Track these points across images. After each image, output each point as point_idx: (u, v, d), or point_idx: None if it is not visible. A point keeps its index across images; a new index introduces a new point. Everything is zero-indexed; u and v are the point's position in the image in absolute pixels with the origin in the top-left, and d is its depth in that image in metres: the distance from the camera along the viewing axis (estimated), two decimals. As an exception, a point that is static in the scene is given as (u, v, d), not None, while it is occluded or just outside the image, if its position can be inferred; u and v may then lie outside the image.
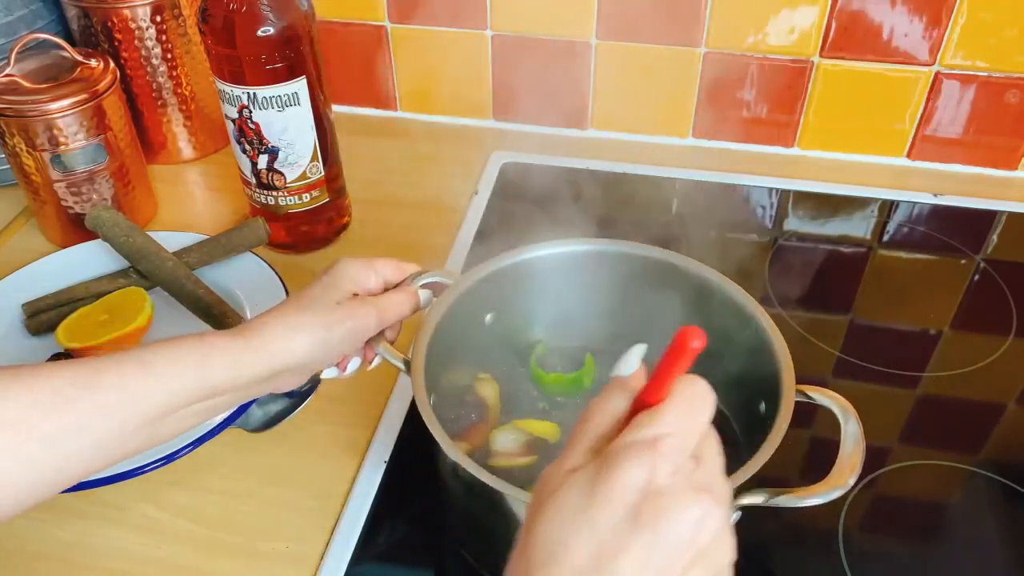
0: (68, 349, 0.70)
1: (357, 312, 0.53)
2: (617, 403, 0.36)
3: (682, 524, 0.31)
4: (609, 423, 0.35)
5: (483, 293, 0.60)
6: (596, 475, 0.32)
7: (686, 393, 0.34)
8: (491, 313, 0.63)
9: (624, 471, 0.31)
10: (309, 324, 0.51)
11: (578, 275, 0.63)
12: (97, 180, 0.80)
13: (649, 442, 0.32)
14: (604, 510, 0.31)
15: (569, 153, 0.94)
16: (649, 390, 0.35)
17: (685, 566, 0.31)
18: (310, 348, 0.51)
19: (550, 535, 0.32)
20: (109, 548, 0.59)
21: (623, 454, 0.32)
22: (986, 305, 0.77)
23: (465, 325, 0.60)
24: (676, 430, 0.33)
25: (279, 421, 0.65)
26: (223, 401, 0.49)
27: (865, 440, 0.48)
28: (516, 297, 0.63)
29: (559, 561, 0.31)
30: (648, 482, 0.31)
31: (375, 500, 0.61)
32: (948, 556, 0.58)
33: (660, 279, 0.61)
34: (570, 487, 0.32)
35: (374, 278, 0.56)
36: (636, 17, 0.87)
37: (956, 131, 0.89)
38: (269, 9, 0.68)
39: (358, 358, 0.56)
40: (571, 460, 0.34)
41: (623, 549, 0.31)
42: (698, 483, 0.32)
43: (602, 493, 0.31)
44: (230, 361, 0.48)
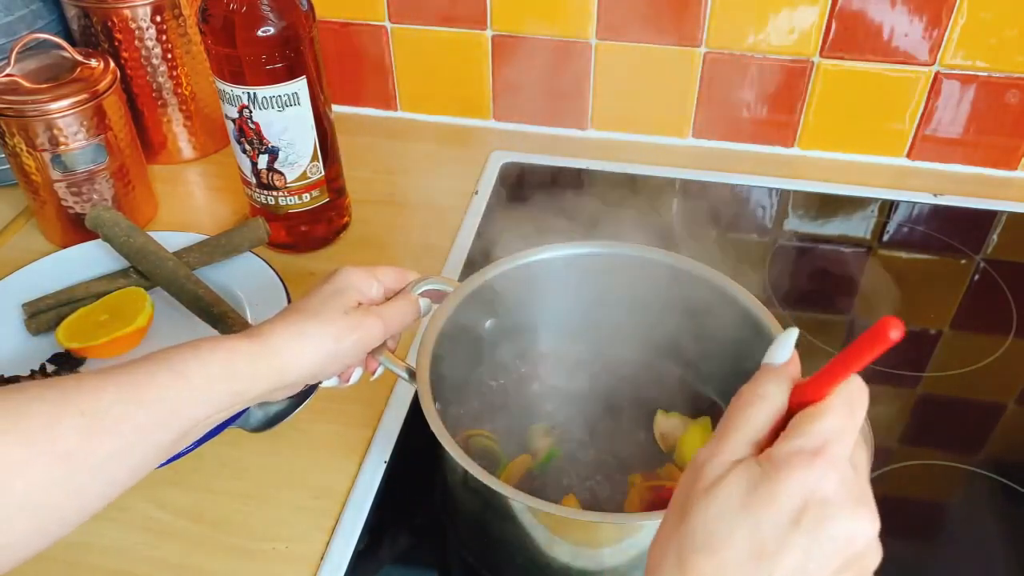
0: (68, 349, 0.70)
1: (364, 323, 0.52)
2: (776, 395, 0.36)
3: (842, 534, 0.32)
4: (769, 415, 0.35)
5: (483, 299, 0.60)
6: (763, 475, 0.33)
7: (850, 395, 0.34)
8: (491, 319, 0.62)
9: (792, 479, 0.32)
10: (318, 335, 0.50)
11: (579, 278, 0.63)
12: (97, 180, 0.80)
13: (817, 450, 0.33)
14: (768, 510, 0.32)
15: (569, 153, 0.94)
16: (817, 386, 0.34)
17: (837, 570, 0.32)
18: (319, 359, 0.50)
19: (709, 524, 0.32)
20: (109, 548, 0.59)
21: (792, 461, 0.32)
22: (986, 305, 0.77)
23: (466, 333, 0.60)
24: (841, 436, 0.33)
25: (279, 421, 0.65)
26: (235, 410, 0.48)
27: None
28: (517, 302, 0.63)
29: (716, 550, 0.32)
30: (815, 490, 0.32)
31: (375, 500, 0.61)
32: (948, 556, 0.58)
33: (664, 281, 0.61)
34: (735, 481, 0.33)
35: (376, 287, 0.55)
36: (636, 17, 0.87)
37: (956, 131, 0.89)
38: (269, 9, 0.68)
39: (360, 368, 0.56)
40: (732, 450, 0.34)
41: (782, 550, 0.32)
42: (858, 495, 0.33)
43: (768, 494, 0.32)
44: (251, 370, 0.47)
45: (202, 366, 0.46)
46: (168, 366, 0.45)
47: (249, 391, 0.48)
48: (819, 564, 0.32)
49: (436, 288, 0.59)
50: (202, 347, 0.47)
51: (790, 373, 0.36)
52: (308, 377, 0.51)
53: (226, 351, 0.47)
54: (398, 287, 0.57)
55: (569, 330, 0.66)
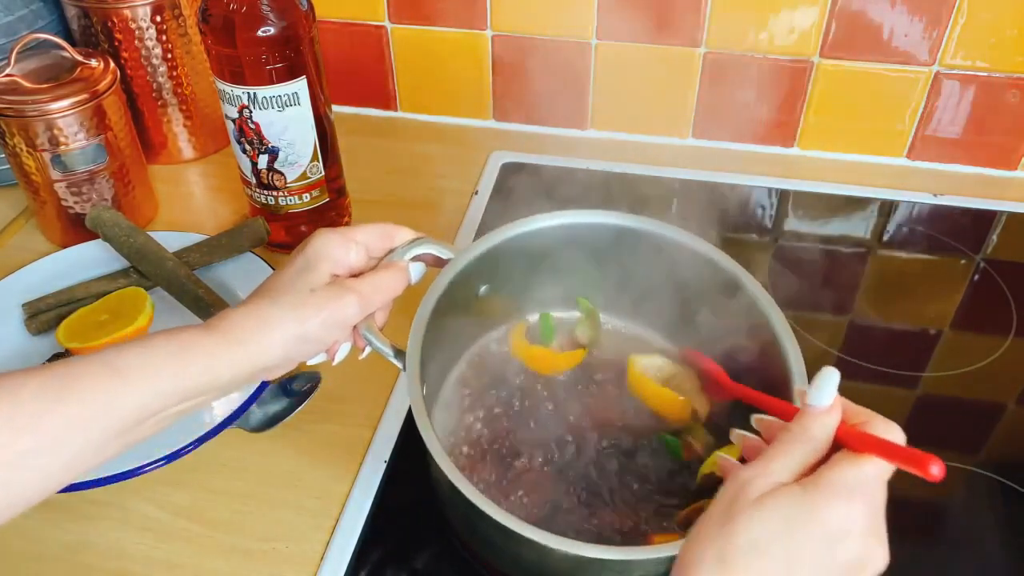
0: (68, 349, 0.70)
1: (335, 301, 0.48)
2: (823, 434, 0.40)
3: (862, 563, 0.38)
4: (814, 451, 0.40)
5: (481, 267, 0.59)
6: (807, 497, 0.37)
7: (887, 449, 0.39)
8: (486, 285, 0.61)
9: (834, 506, 0.37)
10: (280, 319, 0.47)
11: (578, 246, 0.63)
12: (97, 180, 0.80)
13: (859, 487, 0.38)
14: (806, 530, 0.37)
15: (569, 153, 0.94)
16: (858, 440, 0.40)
17: None
18: (285, 344, 0.47)
19: (754, 531, 0.37)
20: (109, 548, 0.59)
21: (836, 488, 0.38)
22: (986, 305, 0.77)
23: (459, 300, 0.58)
24: (878, 482, 0.39)
25: (279, 421, 0.65)
26: (203, 400, 0.46)
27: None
28: (514, 268, 0.62)
29: (759, 556, 0.36)
30: (849, 520, 0.37)
31: (375, 500, 0.61)
32: (948, 556, 0.58)
33: (658, 252, 0.61)
34: (782, 499, 0.38)
35: (355, 252, 0.51)
36: (636, 17, 0.87)
37: (956, 131, 0.89)
38: (269, 9, 0.68)
39: (347, 344, 0.53)
40: (779, 473, 0.39)
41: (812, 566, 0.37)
42: (881, 532, 0.39)
43: (810, 515, 0.37)
44: (209, 361, 0.45)
45: (144, 362, 0.44)
46: (105, 361, 0.43)
47: (208, 384, 0.45)
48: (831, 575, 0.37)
49: (430, 252, 0.55)
50: (151, 342, 0.45)
51: (836, 417, 0.41)
52: (282, 361, 0.48)
53: (179, 344, 0.45)
54: (383, 247, 0.54)
55: (562, 291, 0.66)
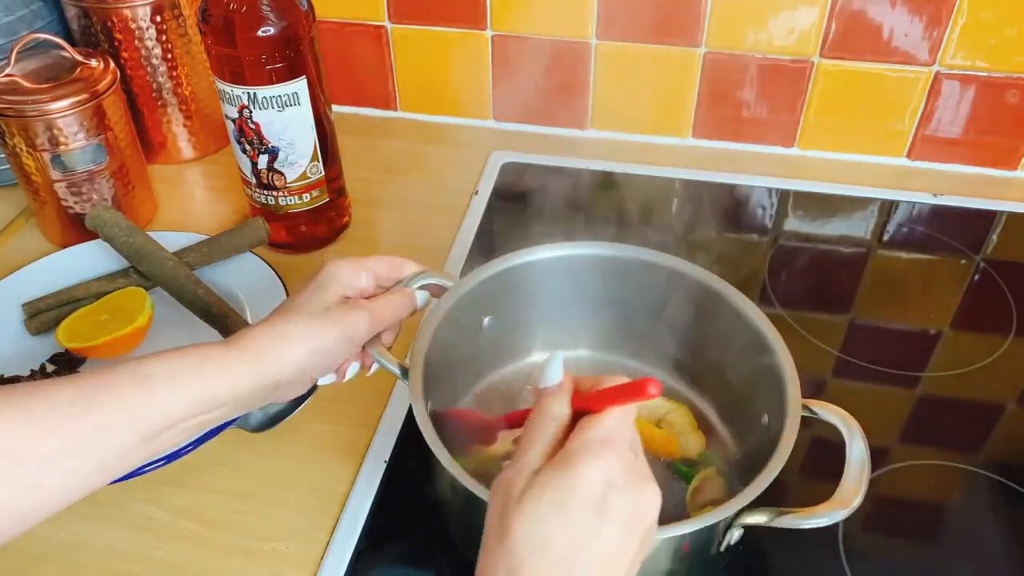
0: (68, 349, 0.70)
1: (348, 317, 0.51)
2: (560, 409, 0.40)
3: (636, 509, 0.37)
4: (557, 427, 0.40)
5: (481, 297, 0.60)
6: (563, 474, 0.37)
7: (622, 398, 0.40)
8: (489, 317, 0.62)
9: (586, 469, 0.37)
10: (298, 333, 0.50)
11: (578, 279, 0.63)
12: (97, 180, 0.80)
13: (604, 441, 0.37)
14: (574, 505, 0.36)
15: (569, 153, 0.94)
16: (594, 401, 0.40)
17: (640, 541, 0.37)
18: (302, 357, 0.50)
19: (529, 532, 0.36)
20: (109, 548, 0.59)
21: (583, 453, 0.37)
22: (986, 305, 0.77)
23: (463, 330, 0.59)
24: (623, 430, 0.39)
25: (279, 421, 0.65)
26: (223, 412, 0.49)
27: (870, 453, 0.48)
28: (515, 301, 0.62)
29: (541, 553, 0.35)
30: (607, 477, 0.37)
31: (375, 500, 0.61)
32: (948, 556, 0.58)
33: (663, 284, 0.61)
34: (540, 487, 0.37)
35: (365, 278, 0.54)
36: (636, 17, 0.87)
37: (956, 131, 0.89)
38: (269, 9, 0.68)
39: (356, 363, 0.55)
40: (530, 463, 0.38)
41: (594, 535, 0.36)
42: (643, 473, 0.38)
43: (570, 490, 0.36)
44: (226, 373, 0.47)
45: (168, 372, 0.46)
46: (131, 371, 0.45)
47: (227, 396, 0.48)
48: (626, 538, 0.37)
49: (433, 282, 0.58)
50: (174, 354, 0.47)
51: (566, 389, 0.41)
52: (295, 376, 0.50)
53: (198, 356, 0.47)
54: (392, 277, 0.56)
55: (565, 330, 0.65)
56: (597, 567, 0.36)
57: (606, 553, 0.36)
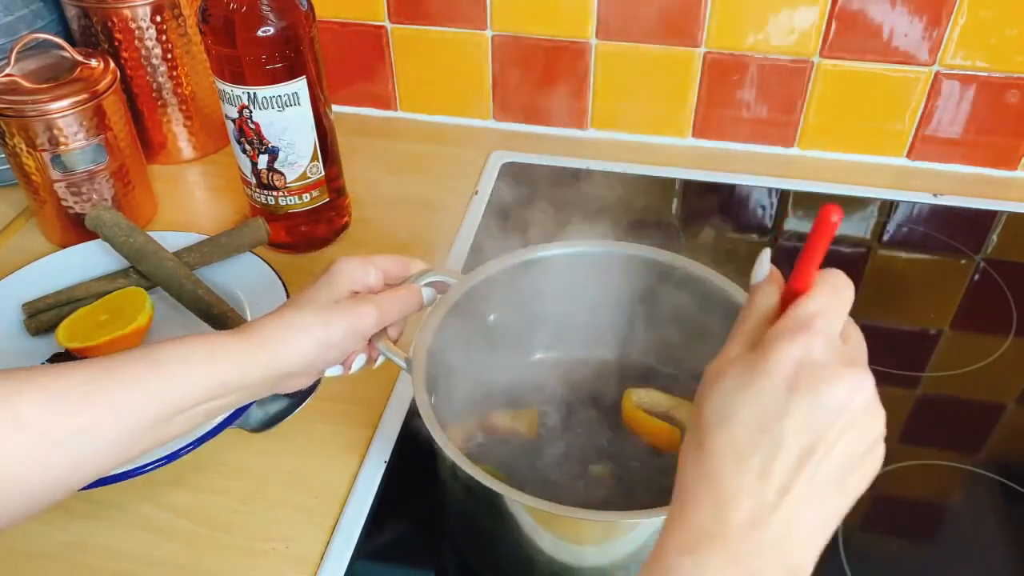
0: (68, 349, 0.70)
1: (356, 309, 0.52)
2: (767, 299, 0.38)
3: (836, 391, 0.34)
4: (763, 317, 0.38)
5: (487, 293, 0.60)
6: (756, 356, 0.35)
7: (830, 280, 0.37)
8: (494, 313, 0.62)
9: (782, 348, 0.35)
10: (307, 324, 0.51)
11: (584, 277, 0.63)
12: (97, 180, 0.80)
13: (803, 322, 0.35)
14: (765, 381, 0.35)
15: (569, 153, 0.94)
16: (796, 278, 0.37)
17: (841, 429, 0.34)
18: (310, 348, 0.51)
19: (717, 406, 0.36)
20: (109, 548, 0.59)
21: (781, 335, 0.35)
22: (986, 305, 0.77)
23: (467, 325, 0.60)
24: (826, 311, 0.36)
25: (279, 421, 0.65)
26: (230, 400, 0.49)
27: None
28: (520, 297, 0.62)
29: (728, 425, 0.35)
30: (804, 356, 0.35)
31: (375, 500, 0.61)
32: (948, 556, 0.58)
33: (665, 281, 0.61)
34: (734, 368, 0.36)
35: (373, 274, 0.55)
36: (636, 17, 0.87)
37: (956, 131, 0.89)
38: (269, 9, 0.68)
39: (363, 356, 0.56)
40: (732, 352, 0.37)
41: (784, 414, 0.34)
42: (849, 357, 0.36)
43: (762, 367, 0.35)
44: (237, 360, 0.48)
45: (181, 355, 0.47)
46: (145, 354, 0.46)
47: (237, 382, 0.48)
48: (822, 423, 0.34)
49: (440, 280, 0.59)
50: (186, 340, 0.48)
51: (775, 281, 0.39)
52: (303, 366, 0.51)
53: (210, 343, 0.48)
54: (399, 274, 0.57)
55: (569, 327, 0.66)
56: (791, 445, 0.34)
57: (799, 433, 0.34)
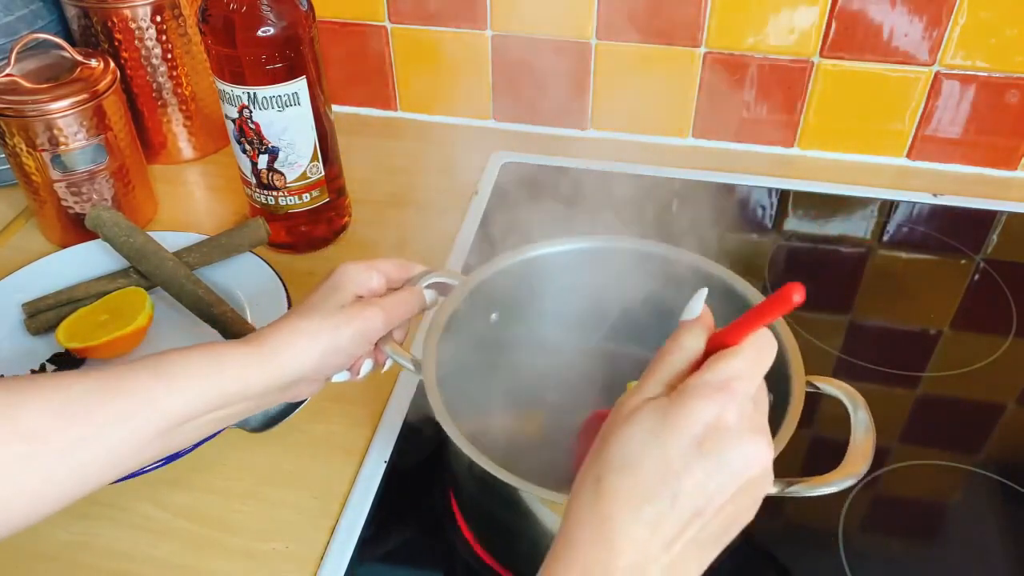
0: (68, 349, 0.70)
1: (363, 313, 0.52)
2: (694, 342, 0.39)
3: (738, 459, 0.36)
4: (686, 360, 0.39)
5: (490, 292, 0.60)
6: (671, 405, 0.36)
7: (758, 342, 0.38)
8: (496, 312, 0.62)
9: (698, 407, 0.36)
10: (314, 329, 0.51)
11: (587, 272, 0.63)
12: (97, 180, 0.80)
13: (722, 384, 0.36)
14: (675, 436, 0.36)
15: (569, 153, 0.94)
16: (730, 334, 0.38)
17: (733, 494, 0.36)
18: (318, 353, 0.51)
19: (624, 448, 0.36)
20: (109, 548, 0.59)
21: (699, 391, 0.36)
22: (986, 305, 0.77)
23: (471, 325, 0.60)
24: (747, 374, 0.37)
25: (279, 421, 0.65)
26: (237, 410, 0.49)
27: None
28: (523, 295, 0.62)
29: (630, 470, 0.36)
30: (716, 418, 0.36)
31: (375, 500, 0.61)
32: (948, 556, 0.58)
33: (662, 274, 0.61)
34: (647, 412, 0.37)
35: (376, 278, 0.55)
36: (636, 17, 0.87)
37: (956, 131, 0.89)
38: (269, 9, 0.68)
39: (370, 361, 0.56)
40: (649, 390, 0.38)
41: (686, 471, 0.35)
42: (757, 425, 0.37)
43: (674, 422, 0.36)
44: (242, 370, 0.48)
45: (185, 366, 0.47)
46: (148, 364, 0.46)
47: (243, 392, 0.48)
48: (719, 485, 0.35)
49: (442, 281, 0.59)
50: (191, 350, 0.48)
51: (704, 324, 0.40)
52: (312, 372, 0.51)
53: (216, 353, 0.48)
54: (401, 278, 0.58)
55: (574, 324, 0.66)
56: (685, 503, 0.35)
57: (695, 492, 0.35)
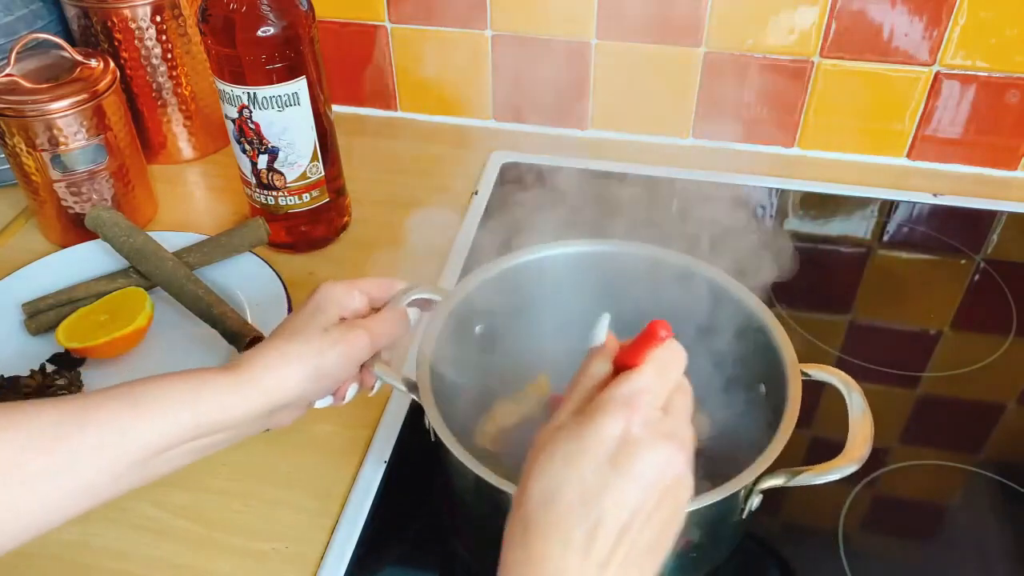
0: (68, 349, 0.70)
1: (347, 336, 0.51)
2: (599, 368, 0.40)
3: (651, 466, 0.36)
4: (592, 385, 0.40)
5: (476, 304, 0.60)
6: (580, 427, 0.37)
7: (660, 357, 0.40)
8: (480, 324, 0.62)
9: (603, 424, 0.37)
10: (299, 354, 0.49)
11: (573, 276, 0.63)
12: (97, 180, 0.80)
13: (626, 399, 0.37)
14: (587, 457, 0.36)
15: (569, 153, 0.94)
16: (627, 357, 0.40)
17: (655, 503, 0.36)
18: (303, 378, 0.49)
19: (543, 481, 0.37)
20: (109, 548, 0.59)
21: (602, 409, 0.37)
22: (986, 305, 0.77)
23: (460, 338, 0.59)
24: (649, 388, 0.38)
25: (279, 421, 0.65)
26: (219, 439, 0.48)
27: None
28: (510, 304, 0.62)
29: (553, 503, 0.36)
30: (624, 432, 0.37)
31: (375, 500, 0.61)
32: (948, 556, 0.58)
33: (648, 275, 0.61)
34: (560, 440, 0.37)
35: (359, 299, 0.54)
36: (636, 17, 0.87)
37: (956, 131, 0.89)
38: (269, 9, 0.68)
39: (355, 384, 0.55)
40: (558, 420, 0.39)
41: (605, 489, 0.36)
42: (665, 431, 0.38)
43: (586, 444, 0.37)
44: (222, 398, 0.47)
45: (161, 395, 0.46)
46: (123, 393, 0.45)
47: (223, 421, 0.47)
48: (638, 497, 0.36)
49: (424, 297, 0.58)
50: (169, 378, 0.47)
51: (608, 350, 0.41)
52: (296, 398, 0.50)
53: (195, 381, 0.47)
54: (383, 296, 0.56)
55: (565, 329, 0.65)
56: (610, 522, 0.35)
57: (617, 509, 0.35)
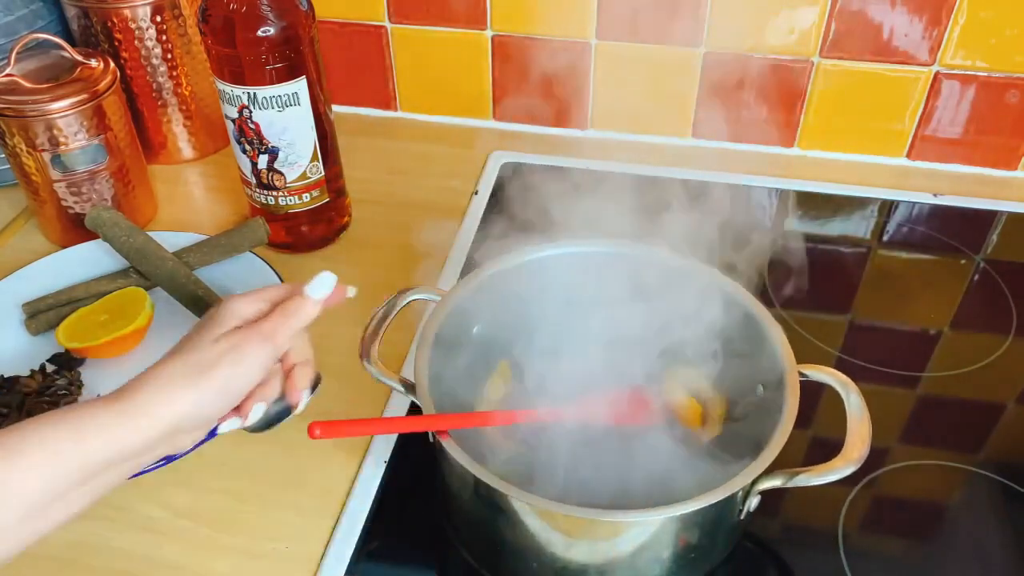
0: (68, 349, 0.70)
1: (236, 343, 0.47)
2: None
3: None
4: None
5: (471, 305, 0.60)
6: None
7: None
8: (478, 325, 0.62)
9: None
10: (183, 372, 0.46)
11: (572, 277, 0.63)
12: (97, 180, 0.80)
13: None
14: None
15: (569, 153, 0.94)
16: None
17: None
18: (192, 399, 0.45)
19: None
20: (109, 548, 0.59)
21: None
22: (986, 305, 0.77)
23: (457, 340, 0.60)
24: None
25: (279, 421, 0.65)
26: (120, 471, 0.45)
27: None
28: (505, 304, 0.62)
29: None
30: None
31: (375, 500, 0.61)
32: (948, 556, 0.58)
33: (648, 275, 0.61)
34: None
35: (263, 307, 0.50)
36: (636, 17, 0.87)
37: (956, 131, 0.89)
38: (269, 9, 0.68)
39: (262, 405, 0.50)
40: None
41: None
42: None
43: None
44: (108, 433, 0.43)
45: (43, 442, 0.42)
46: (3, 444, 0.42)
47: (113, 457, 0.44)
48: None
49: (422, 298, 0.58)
50: (46, 420, 0.43)
51: None
52: (190, 421, 0.46)
53: (75, 419, 0.43)
54: None
55: (562, 329, 0.65)
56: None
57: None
